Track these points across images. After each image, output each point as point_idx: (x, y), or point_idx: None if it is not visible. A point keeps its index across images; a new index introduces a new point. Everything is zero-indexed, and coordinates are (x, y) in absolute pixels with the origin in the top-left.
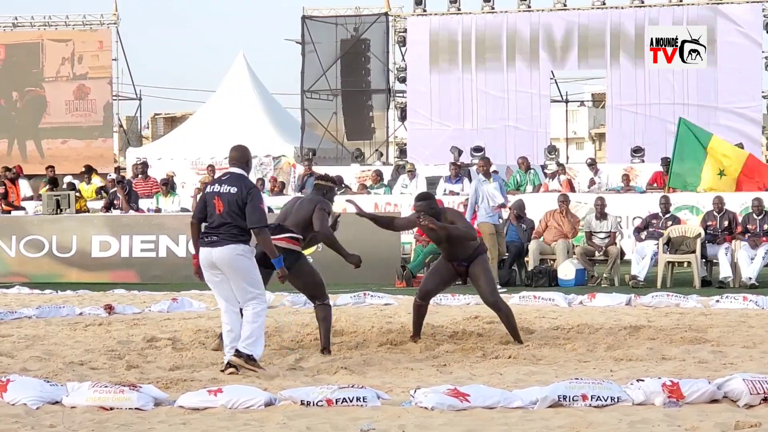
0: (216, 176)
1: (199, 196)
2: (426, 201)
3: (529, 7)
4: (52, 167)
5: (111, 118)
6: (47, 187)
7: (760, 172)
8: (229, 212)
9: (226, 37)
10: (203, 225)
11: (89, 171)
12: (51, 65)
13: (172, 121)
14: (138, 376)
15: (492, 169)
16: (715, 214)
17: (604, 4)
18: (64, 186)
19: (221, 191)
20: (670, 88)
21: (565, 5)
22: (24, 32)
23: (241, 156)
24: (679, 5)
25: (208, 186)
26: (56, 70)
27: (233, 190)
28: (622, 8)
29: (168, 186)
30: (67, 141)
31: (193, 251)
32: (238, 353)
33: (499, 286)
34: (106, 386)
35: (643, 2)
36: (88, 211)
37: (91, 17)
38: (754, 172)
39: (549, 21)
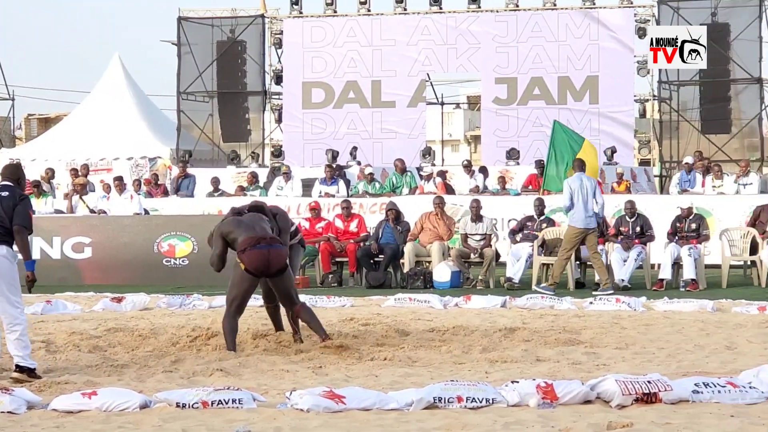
0: None
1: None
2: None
3: (405, 9)
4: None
5: None
6: None
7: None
8: None
9: (101, 37)
10: None
11: None
12: None
13: (47, 122)
14: (10, 380)
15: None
16: None
17: (479, 7)
18: None
19: None
20: (545, 91)
21: (441, 8)
22: None
23: (12, 173)
24: (552, 9)
25: None
26: None
27: (5, 194)
28: (497, 12)
29: (40, 188)
30: None
31: None
32: (20, 368)
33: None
34: None
35: (518, 6)
36: None
37: None
38: None
39: (425, 24)
